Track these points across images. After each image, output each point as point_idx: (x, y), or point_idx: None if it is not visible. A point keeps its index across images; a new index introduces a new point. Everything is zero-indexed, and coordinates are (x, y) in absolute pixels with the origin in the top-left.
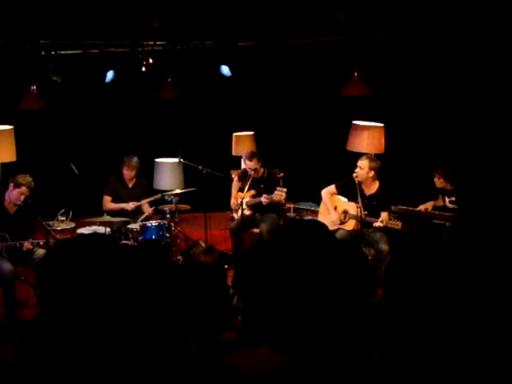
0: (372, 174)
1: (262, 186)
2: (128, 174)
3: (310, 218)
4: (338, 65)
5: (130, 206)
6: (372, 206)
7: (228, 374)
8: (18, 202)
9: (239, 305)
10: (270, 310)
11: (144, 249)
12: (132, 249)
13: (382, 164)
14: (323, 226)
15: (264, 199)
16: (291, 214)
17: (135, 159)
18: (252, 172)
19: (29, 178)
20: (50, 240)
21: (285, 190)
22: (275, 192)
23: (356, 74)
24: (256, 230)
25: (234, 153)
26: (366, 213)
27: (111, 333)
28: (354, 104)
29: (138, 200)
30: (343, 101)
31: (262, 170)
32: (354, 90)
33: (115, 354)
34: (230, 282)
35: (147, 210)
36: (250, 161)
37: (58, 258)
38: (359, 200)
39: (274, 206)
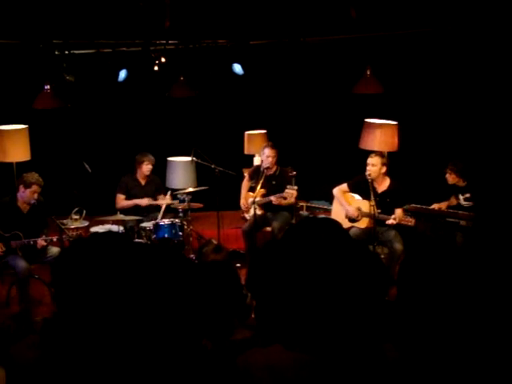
0: (384, 169)
1: (273, 182)
2: (147, 169)
3: (323, 216)
4: (350, 63)
5: (145, 201)
6: (385, 203)
7: (241, 372)
8: (33, 201)
9: (252, 303)
10: (284, 308)
11: (159, 247)
12: (147, 247)
13: (396, 162)
14: (337, 224)
15: (274, 200)
16: (304, 213)
17: (150, 154)
18: (269, 160)
19: (35, 175)
20: (64, 237)
21: (295, 188)
22: (286, 190)
23: (368, 72)
24: (268, 229)
25: (246, 151)
26: (379, 211)
27: (126, 330)
28: (367, 102)
29: (152, 197)
30: (356, 99)
31: (275, 167)
32: (366, 88)
33: (130, 351)
34: (243, 281)
35: (164, 199)
36: (272, 148)
37: (73, 256)
38: (372, 198)
39: (281, 205)
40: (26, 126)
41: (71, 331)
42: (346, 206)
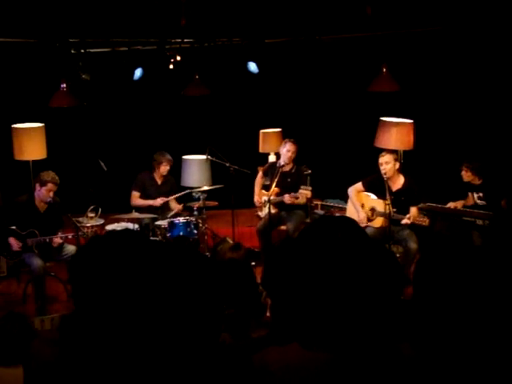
0: (397, 165)
1: (288, 179)
2: (165, 170)
3: (339, 215)
4: (365, 61)
5: (158, 201)
6: (400, 201)
7: (258, 371)
8: (49, 199)
9: (267, 301)
10: (300, 307)
11: (176, 245)
12: (164, 245)
13: (411, 161)
14: (354, 223)
15: (288, 200)
16: (319, 212)
17: (168, 154)
18: (288, 155)
19: (52, 173)
20: (80, 234)
21: (310, 188)
22: (300, 190)
23: (384, 70)
24: (283, 227)
25: (261, 150)
26: (394, 210)
27: (144, 327)
28: (383, 100)
29: (166, 196)
30: (371, 97)
31: (291, 164)
32: (382, 86)
33: (148, 347)
34: (258, 280)
35: (176, 206)
36: (294, 144)
37: (90, 253)
38: (388, 197)
39: (294, 204)
40: (43, 124)
41: (90, 328)
42: (358, 208)
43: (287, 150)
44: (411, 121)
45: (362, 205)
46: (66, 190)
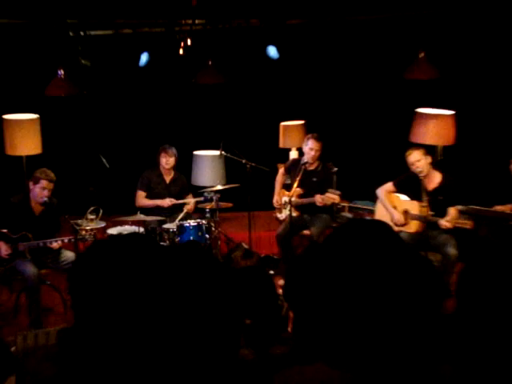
0: (430, 159)
1: (314, 179)
2: (166, 161)
3: (370, 218)
4: (400, 45)
5: (167, 202)
6: (437, 202)
7: None
8: (44, 199)
9: (289, 315)
10: (327, 322)
11: (188, 250)
12: (175, 250)
13: (452, 158)
14: (388, 227)
15: (318, 201)
16: (346, 214)
17: (173, 148)
18: (312, 154)
19: (46, 170)
20: (79, 238)
21: (338, 193)
22: (327, 194)
23: (422, 55)
24: (306, 232)
25: (281, 145)
26: (432, 213)
27: (154, 342)
28: (420, 89)
29: (176, 198)
30: (407, 85)
31: (317, 162)
32: (419, 73)
33: (159, 365)
34: (278, 291)
35: (188, 205)
36: (318, 141)
37: (93, 260)
38: (424, 198)
39: (326, 206)
40: (37, 115)
41: (92, 343)
42: (391, 209)
43: (310, 149)
44: (452, 112)
45: (394, 207)
46: (63, 188)
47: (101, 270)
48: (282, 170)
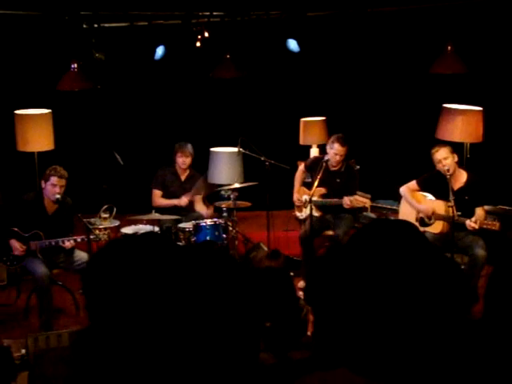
0: (456, 158)
1: (337, 180)
2: (182, 161)
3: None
4: (427, 38)
5: (184, 200)
6: (463, 202)
7: None
8: (56, 196)
9: (308, 318)
10: (350, 326)
11: (206, 249)
12: (193, 250)
13: (480, 156)
14: (414, 228)
15: (347, 203)
16: (369, 214)
17: (189, 145)
18: (336, 158)
19: (57, 167)
20: (92, 237)
21: (368, 196)
22: (356, 197)
23: (449, 49)
24: (329, 233)
25: (301, 142)
26: (459, 213)
27: (172, 345)
28: (447, 84)
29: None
30: (433, 80)
31: (340, 163)
32: (446, 68)
33: (177, 368)
34: (298, 292)
35: (202, 208)
36: (343, 145)
37: (108, 259)
38: (451, 198)
39: (353, 208)
40: (50, 110)
41: (108, 346)
42: (416, 204)
43: (335, 153)
44: (480, 108)
45: None
46: (75, 186)
47: (116, 269)
48: (301, 167)
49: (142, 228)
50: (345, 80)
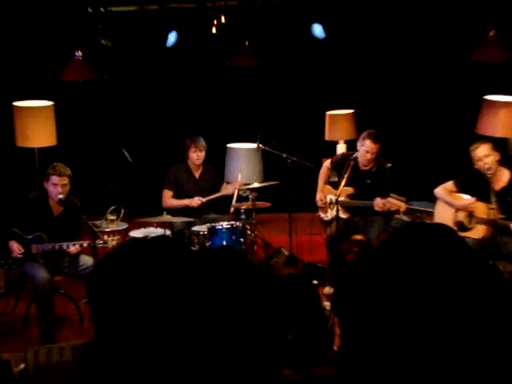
0: (497, 156)
1: (368, 181)
2: (197, 156)
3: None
4: (468, 22)
5: (196, 201)
6: (506, 203)
7: None
8: (59, 197)
9: (335, 331)
10: (380, 340)
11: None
12: (209, 255)
13: None
14: (453, 232)
15: (379, 205)
16: (402, 217)
17: (202, 138)
18: (367, 157)
19: (57, 165)
20: (98, 242)
21: (403, 199)
22: (389, 199)
23: (492, 34)
24: (358, 237)
25: (327, 137)
26: (502, 216)
27: (187, 360)
28: (489, 73)
29: (207, 194)
30: (474, 68)
31: (372, 162)
32: (488, 55)
33: None
34: (323, 301)
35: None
36: (375, 142)
37: (115, 265)
38: (492, 199)
39: (385, 212)
40: (52, 102)
41: (117, 360)
42: (454, 201)
43: (366, 151)
44: None
45: (455, 210)
46: (80, 185)
47: (124, 277)
48: (327, 163)
49: (153, 231)
50: (376, 69)
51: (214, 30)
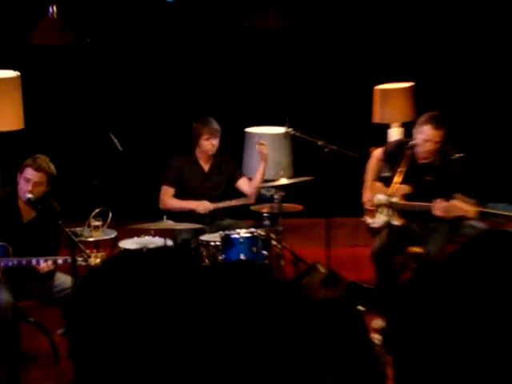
0: None
1: (428, 178)
2: (211, 145)
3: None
4: None
5: (204, 206)
6: None
7: None
8: (28, 196)
9: (386, 374)
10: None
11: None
12: (220, 274)
13: None
14: None
15: (439, 210)
16: (476, 223)
17: (215, 121)
18: (427, 146)
19: (40, 157)
20: (78, 258)
21: (472, 201)
22: (453, 202)
23: None
24: (416, 249)
25: (376, 119)
26: None
27: None
28: None
29: (221, 192)
30: None
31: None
32: None
33: None
34: (372, 335)
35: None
36: (438, 128)
37: (100, 287)
38: None
39: (447, 218)
40: (18, 73)
41: None
42: None
43: (426, 140)
44: None
45: None
46: (54, 181)
47: (113, 302)
48: (377, 154)
49: (150, 242)
50: (438, 29)
51: None
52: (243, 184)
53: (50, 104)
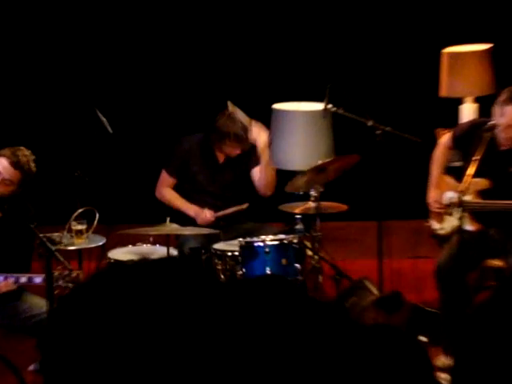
0: None
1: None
2: (231, 151)
3: None
4: None
5: (203, 218)
6: None
7: None
8: None
9: None
10: None
11: (266, 293)
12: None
13: None
14: None
15: None
16: None
17: (241, 112)
18: (509, 132)
19: (23, 151)
20: (56, 273)
21: None
22: None
23: None
24: (495, 262)
25: (443, 93)
26: None
27: None
28: None
29: (234, 188)
30: None
31: None
32: None
33: None
34: (437, 375)
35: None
36: None
37: (84, 311)
38: None
39: None
40: None
41: None
42: None
43: (509, 125)
44: None
45: None
46: (28, 185)
47: (100, 329)
48: (446, 139)
49: (148, 251)
50: None
51: None
52: (256, 174)
53: (19, 72)
